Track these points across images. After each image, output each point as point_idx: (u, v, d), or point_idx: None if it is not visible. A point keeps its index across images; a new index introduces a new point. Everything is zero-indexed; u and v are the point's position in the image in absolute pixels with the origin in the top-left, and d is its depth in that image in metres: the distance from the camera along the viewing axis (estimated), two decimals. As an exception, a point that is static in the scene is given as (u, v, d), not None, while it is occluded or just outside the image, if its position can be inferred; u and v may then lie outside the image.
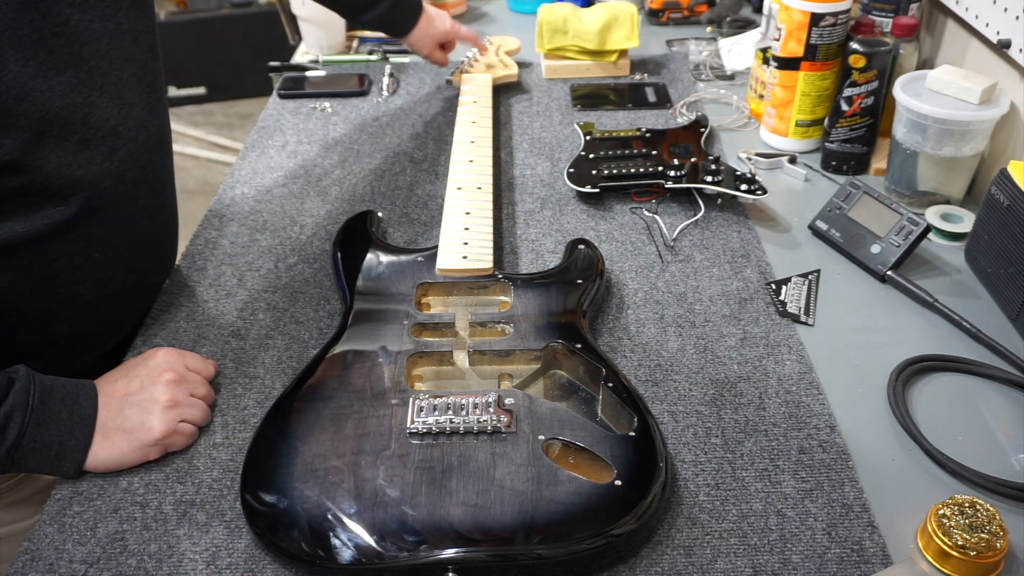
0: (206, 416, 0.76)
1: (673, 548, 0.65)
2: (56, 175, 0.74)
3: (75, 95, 0.75)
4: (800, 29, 1.09)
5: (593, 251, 0.93)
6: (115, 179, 0.81)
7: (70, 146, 0.75)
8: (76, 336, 0.86)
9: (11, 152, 0.70)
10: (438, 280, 0.88)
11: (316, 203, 1.09)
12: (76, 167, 0.76)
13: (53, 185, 0.75)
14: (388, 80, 1.40)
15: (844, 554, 0.65)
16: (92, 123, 0.77)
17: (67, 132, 0.75)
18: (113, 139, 0.80)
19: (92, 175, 0.78)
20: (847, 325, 0.88)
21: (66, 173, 0.75)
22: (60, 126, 0.74)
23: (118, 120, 0.80)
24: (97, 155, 0.78)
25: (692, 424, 0.76)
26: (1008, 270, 0.86)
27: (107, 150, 0.79)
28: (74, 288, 0.81)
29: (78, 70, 0.75)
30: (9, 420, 0.68)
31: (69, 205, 0.77)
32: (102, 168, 0.79)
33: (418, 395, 0.73)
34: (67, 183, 0.76)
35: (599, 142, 1.17)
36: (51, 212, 0.76)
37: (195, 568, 0.65)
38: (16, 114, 0.70)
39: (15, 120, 0.70)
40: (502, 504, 0.64)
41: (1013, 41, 0.98)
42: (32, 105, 0.71)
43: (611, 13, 1.38)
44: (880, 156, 1.13)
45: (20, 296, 0.78)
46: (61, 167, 0.75)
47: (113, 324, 0.89)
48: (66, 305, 0.82)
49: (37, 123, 0.72)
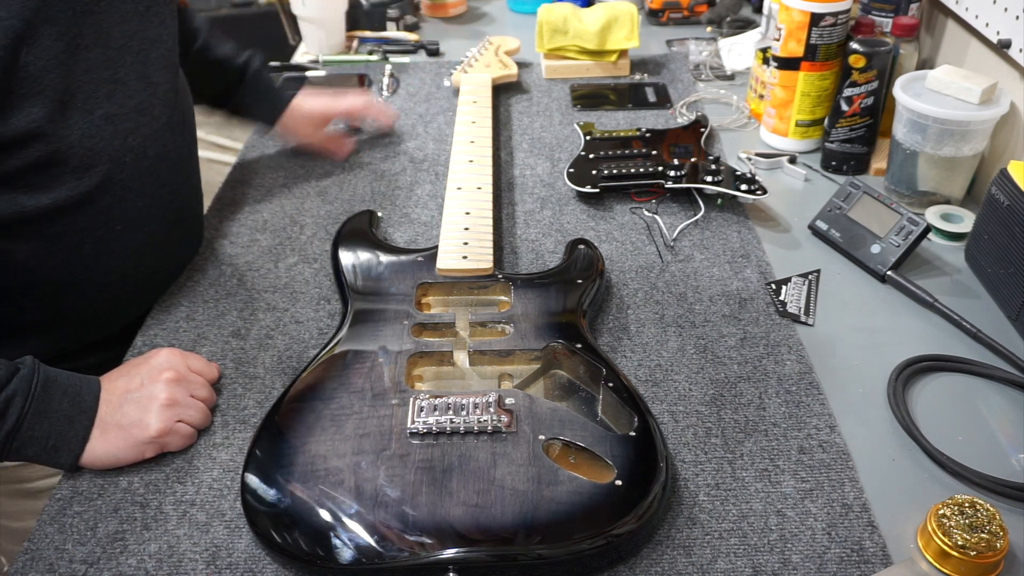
0: (205, 418, 0.76)
1: (673, 548, 0.66)
2: (79, 147, 0.77)
3: (102, 71, 0.79)
4: (800, 29, 1.09)
5: (593, 251, 0.93)
6: (137, 155, 0.84)
7: (94, 120, 0.78)
8: (92, 309, 0.87)
9: (37, 120, 0.73)
10: (438, 280, 0.88)
11: (316, 203, 1.09)
12: (99, 140, 0.79)
13: (75, 156, 0.77)
14: (388, 80, 1.40)
15: (844, 554, 0.65)
16: (117, 99, 0.81)
17: (92, 105, 0.78)
18: (137, 116, 0.83)
19: (114, 149, 0.81)
20: (847, 325, 0.88)
21: (88, 145, 0.78)
22: (84, 99, 0.77)
23: (143, 98, 0.84)
24: (121, 130, 0.81)
25: (692, 424, 0.76)
26: (1008, 270, 0.86)
27: (131, 126, 0.82)
28: (96, 260, 0.84)
29: (107, 48, 0.79)
30: (9, 405, 0.68)
31: (91, 177, 0.79)
32: (125, 143, 0.82)
33: (418, 395, 0.73)
34: (89, 155, 0.78)
35: (599, 142, 1.17)
36: (74, 184, 0.78)
37: (195, 568, 0.65)
38: (43, 84, 0.73)
39: (41, 89, 0.73)
40: (502, 504, 0.64)
41: (1013, 41, 0.98)
42: (58, 76, 0.74)
43: (611, 13, 1.38)
44: (880, 156, 1.13)
45: (43, 265, 0.81)
46: (84, 139, 0.78)
47: (132, 300, 0.91)
48: (87, 276, 0.84)
49: (62, 94, 0.75)
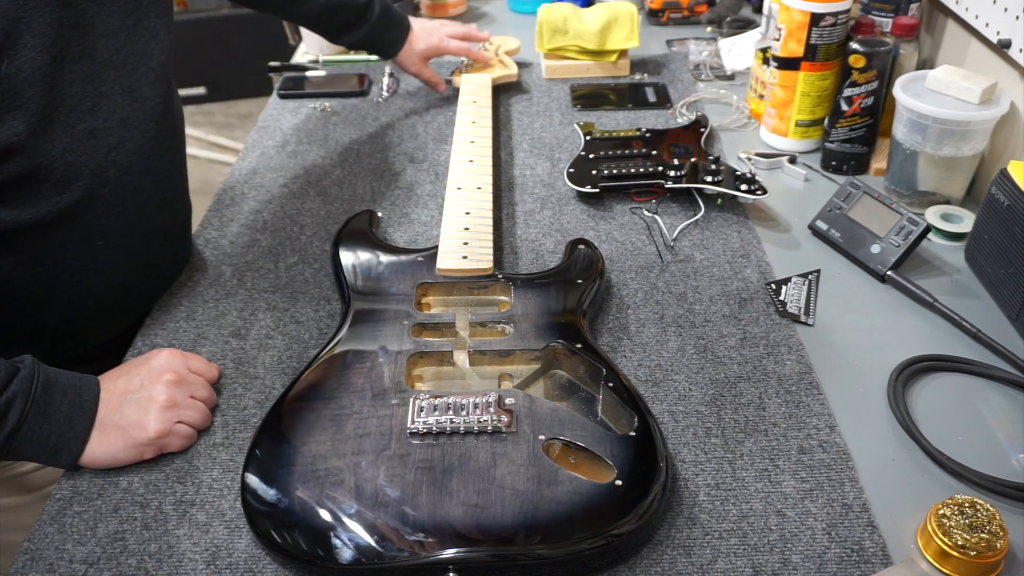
0: (205, 419, 0.76)
1: (673, 548, 0.66)
2: (60, 161, 0.76)
3: (86, 84, 0.77)
4: (800, 29, 1.09)
5: (593, 251, 0.93)
6: (121, 170, 0.82)
7: (76, 134, 0.77)
8: (76, 323, 0.87)
9: (18, 134, 0.72)
10: (438, 280, 0.88)
11: (316, 203, 1.09)
12: (80, 154, 0.78)
13: (57, 171, 0.76)
14: (388, 80, 1.40)
15: (844, 554, 0.65)
16: (101, 113, 0.79)
17: (74, 120, 0.77)
18: (122, 131, 0.82)
19: (96, 164, 0.80)
20: (847, 325, 0.88)
21: (70, 160, 0.77)
22: (67, 113, 0.76)
23: (128, 112, 0.82)
24: (103, 145, 0.80)
25: (692, 424, 0.76)
26: (1008, 270, 0.86)
27: (114, 141, 0.81)
28: (78, 275, 0.83)
29: (92, 61, 0.78)
30: (10, 407, 0.68)
31: (73, 192, 0.78)
32: (107, 158, 0.81)
33: (418, 395, 0.73)
34: (71, 170, 0.77)
35: (599, 142, 1.17)
36: (56, 199, 0.77)
37: (195, 568, 0.65)
38: (25, 97, 0.72)
39: (23, 103, 0.72)
40: (502, 504, 0.64)
41: (1013, 41, 0.98)
42: (41, 89, 0.73)
43: (611, 13, 1.38)
44: (880, 156, 1.13)
45: (23, 280, 0.80)
46: (65, 153, 0.76)
47: (115, 313, 0.90)
48: (68, 291, 0.83)
49: (44, 108, 0.73)
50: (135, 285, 0.90)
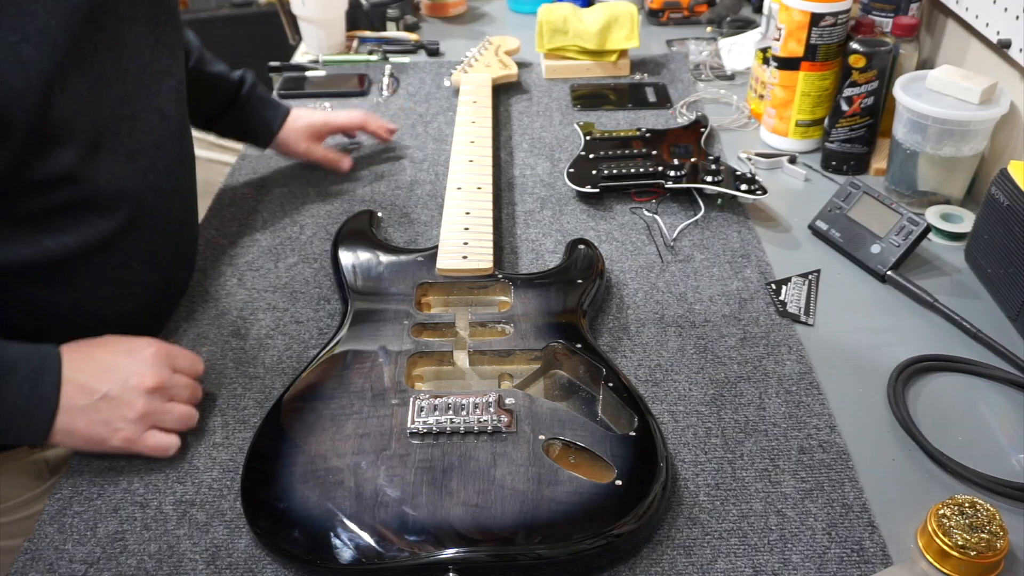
0: (185, 420, 0.74)
1: (673, 548, 0.65)
2: (106, 187, 0.76)
3: (123, 107, 0.77)
4: (800, 29, 1.09)
5: (593, 251, 0.93)
6: (155, 191, 0.82)
7: (118, 158, 0.77)
8: None
9: (69, 165, 0.71)
10: (438, 280, 0.88)
11: (316, 203, 1.09)
12: (123, 179, 0.77)
13: (103, 197, 0.76)
14: (388, 80, 1.40)
15: (844, 554, 0.65)
16: (137, 135, 0.79)
17: (116, 144, 0.76)
18: (155, 151, 0.81)
19: (137, 187, 0.79)
20: (847, 325, 0.88)
21: (115, 184, 0.77)
22: (111, 138, 0.75)
23: (159, 132, 0.82)
24: (141, 167, 0.80)
25: (692, 424, 0.76)
26: (1008, 270, 0.86)
27: (149, 162, 0.81)
28: (112, 300, 0.82)
29: (125, 83, 0.77)
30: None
31: (116, 217, 0.78)
32: (145, 180, 0.80)
33: (418, 395, 0.73)
34: (116, 195, 0.77)
35: (599, 142, 1.17)
36: (101, 225, 0.77)
37: (195, 568, 0.65)
38: (74, 128, 0.71)
39: (74, 134, 0.71)
40: (502, 504, 0.64)
41: (1013, 41, 0.98)
42: (87, 118, 0.72)
43: (611, 13, 1.38)
44: (880, 156, 1.13)
45: (59, 308, 0.78)
46: (111, 179, 0.76)
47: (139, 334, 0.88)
48: (103, 316, 0.81)
49: (92, 135, 0.73)
50: (159, 305, 0.89)
